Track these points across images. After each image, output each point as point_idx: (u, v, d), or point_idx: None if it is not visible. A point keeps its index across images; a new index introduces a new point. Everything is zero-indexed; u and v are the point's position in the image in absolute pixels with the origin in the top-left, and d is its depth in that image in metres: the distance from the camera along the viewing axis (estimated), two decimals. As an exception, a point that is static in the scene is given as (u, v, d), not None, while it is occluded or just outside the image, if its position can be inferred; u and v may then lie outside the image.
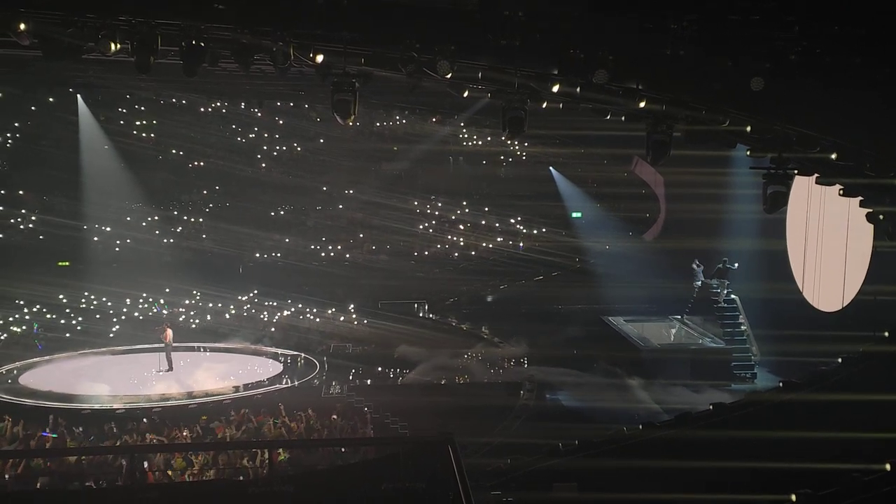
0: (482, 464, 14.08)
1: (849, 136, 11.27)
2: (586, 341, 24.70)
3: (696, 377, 21.64)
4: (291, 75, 13.90)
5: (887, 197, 13.22)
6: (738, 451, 11.37)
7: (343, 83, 10.83)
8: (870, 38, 9.85)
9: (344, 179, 33.40)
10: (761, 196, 12.62)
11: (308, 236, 32.74)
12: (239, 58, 10.39)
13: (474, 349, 26.39)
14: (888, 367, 13.95)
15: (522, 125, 11.33)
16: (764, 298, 22.94)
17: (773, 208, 12.88)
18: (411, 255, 32.80)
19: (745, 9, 9.74)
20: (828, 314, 20.91)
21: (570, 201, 32.61)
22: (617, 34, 10.06)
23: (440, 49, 9.92)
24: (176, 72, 11.33)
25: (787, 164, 12.38)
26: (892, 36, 9.73)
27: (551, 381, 22.53)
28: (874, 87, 10.24)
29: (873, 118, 10.64)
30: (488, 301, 31.80)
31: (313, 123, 32.38)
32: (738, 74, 9.99)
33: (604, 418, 18.48)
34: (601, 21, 10.07)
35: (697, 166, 21.02)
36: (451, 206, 33.72)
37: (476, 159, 34.07)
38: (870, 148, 11.56)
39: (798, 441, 11.34)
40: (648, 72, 10.55)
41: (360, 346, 26.63)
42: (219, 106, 32.00)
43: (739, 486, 10.42)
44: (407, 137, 33.21)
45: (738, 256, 24.13)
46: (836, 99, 10.43)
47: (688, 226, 26.29)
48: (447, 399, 20.33)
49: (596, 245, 31.55)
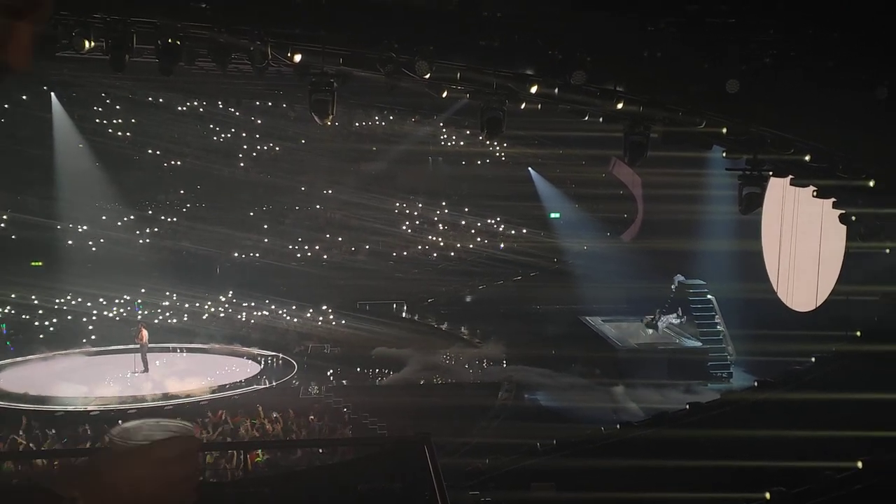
0: (461, 463, 14.09)
1: (822, 139, 11.41)
2: (564, 341, 24.80)
3: (672, 377, 21.81)
4: (270, 75, 13.83)
5: (859, 198, 13.40)
6: (713, 450, 11.47)
7: (321, 83, 10.80)
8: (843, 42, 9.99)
9: (322, 179, 33.27)
10: (737, 197, 12.76)
11: (286, 236, 32.58)
12: (216, 57, 10.33)
13: (453, 349, 26.40)
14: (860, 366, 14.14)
15: (500, 126, 11.36)
16: (739, 298, 23.16)
17: (749, 209, 13.03)
18: (390, 256, 32.74)
19: (722, 12, 9.84)
20: (802, 314, 21.15)
21: (548, 202, 32.73)
22: (595, 36, 10.12)
23: (419, 49, 9.93)
24: (152, 70, 11.24)
25: (762, 166, 12.53)
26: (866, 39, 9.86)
27: (529, 381, 22.60)
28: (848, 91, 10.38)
29: (846, 121, 10.78)
30: (467, 301, 31.83)
31: (292, 123, 32.21)
32: (715, 77, 10.09)
33: (582, 418, 18.58)
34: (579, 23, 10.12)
35: (674, 167, 21.19)
36: (430, 207, 33.71)
37: (455, 160, 34.08)
38: (842, 150, 11.72)
39: (772, 439, 11.47)
40: (626, 73, 10.62)
41: (338, 347, 26.55)
42: (196, 105, 31.72)
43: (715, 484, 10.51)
44: (386, 137, 33.13)
45: (713, 257, 24.34)
46: (810, 102, 10.56)
47: (665, 227, 26.48)
48: (426, 399, 20.33)
49: (574, 245, 31.68)
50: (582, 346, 24.43)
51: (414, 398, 20.60)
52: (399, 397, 20.94)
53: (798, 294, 21.53)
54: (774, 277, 22.64)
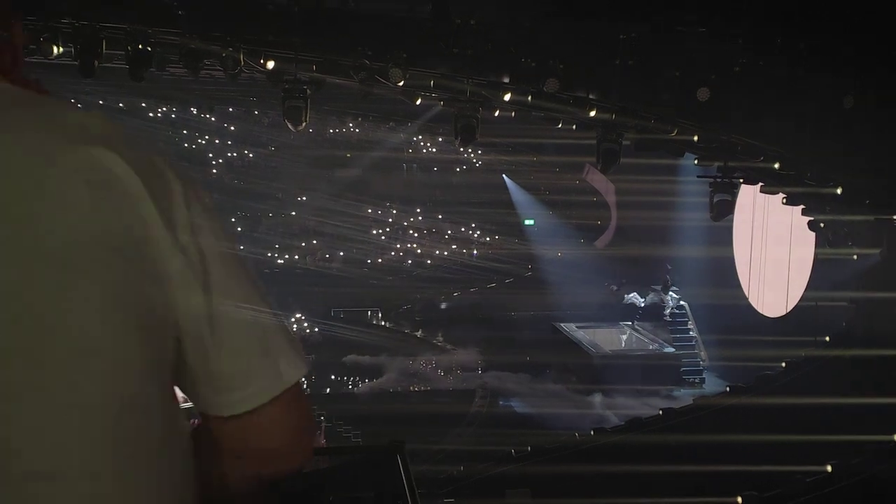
0: (435, 471, 14.04)
1: (791, 147, 11.58)
2: (539, 348, 24.85)
3: (646, 382, 21.93)
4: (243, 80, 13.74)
5: (827, 206, 13.61)
6: (687, 455, 11.56)
7: (294, 90, 10.76)
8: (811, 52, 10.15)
9: (297, 186, 33.13)
10: (708, 204, 12.90)
11: (260, 243, 32.36)
12: (188, 63, 10.26)
13: (428, 357, 26.35)
14: (829, 371, 14.34)
15: (474, 133, 11.39)
16: (712, 304, 23.38)
17: (720, 216, 13.18)
18: (365, 263, 32.65)
19: (692, 21, 9.97)
20: (772, 320, 21.39)
21: (522, 209, 32.84)
22: (567, 44, 10.19)
23: (392, 57, 9.93)
24: (122, 76, 11.12)
25: (732, 173, 12.69)
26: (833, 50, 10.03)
27: (504, 388, 22.62)
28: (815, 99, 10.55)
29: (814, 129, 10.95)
30: (442, 308, 31.82)
31: (266, 129, 32.04)
32: (686, 85, 10.21)
33: (556, 424, 18.61)
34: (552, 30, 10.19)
35: (647, 174, 21.37)
36: (405, 214, 33.69)
37: (430, 166, 34.12)
38: (810, 158, 11.90)
39: (744, 444, 11.58)
40: (598, 81, 10.71)
41: (312, 355, 26.39)
42: (168, 111, 31.46)
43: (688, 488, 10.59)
44: (360, 144, 33.08)
45: (686, 264, 24.55)
46: (779, 110, 10.72)
47: (638, 233, 26.68)
48: (401, 406, 20.26)
49: (548, 252, 31.80)
50: (556, 353, 24.49)
51: (389, 406, 20.54)
52: (374, 405, 20.86)
53: (769, 300, 21.79)
54: (746, 283, 22.89)
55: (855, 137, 10.97)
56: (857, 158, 11.32)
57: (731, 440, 11.83)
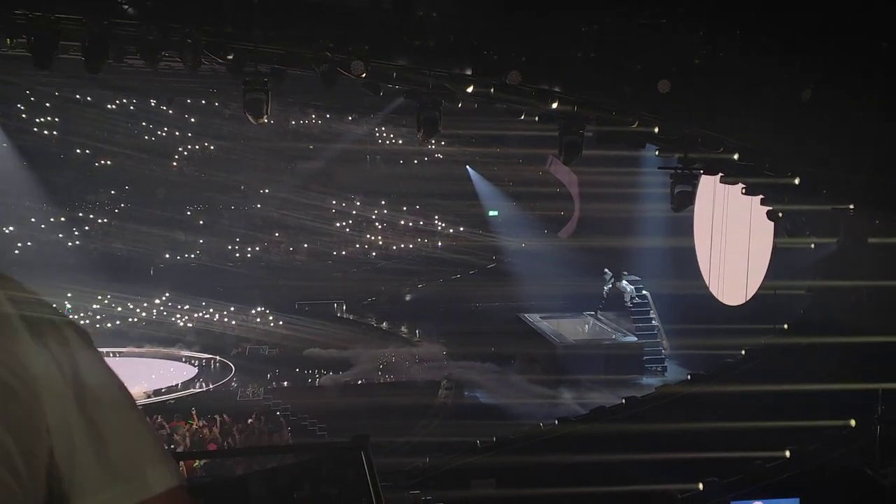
0: (401, 463, 14.05)
1: (750, 138, 11.75)
2: (503, 339, 24.96)
3: (609, 371, 22.14)
4: (203, 72, 13.55)
5: (785, 195, 13.84)
6: (649, 443, 11.71)
7: (255, 82, 10.64)
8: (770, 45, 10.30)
9: (259, 178, 32.80)
10: (669, 195, 13.04)
11: (222, 236, 32.01)
12: (145, 55, 10.07)
13: (393, 349, 26.32)
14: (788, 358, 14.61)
15: (437, 125, 11.37)
16: (673, 294, 23.66)
17: (681, 207, 13.35)
18: (329, 255, 32.48)
19: (654, 14, 10.05)
20: (732, 308, 21.71)
21: (486, 200, 32.90)
22: (529, 36, 10.21)
23: (353, 49, 9.85)
24: (79, 67, 10.88)
25: (693, 164, 12.83)
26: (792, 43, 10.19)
27: (469, 379, 22.69)
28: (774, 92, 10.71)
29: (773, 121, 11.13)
30: (406, 300, 31.80)
31: (227, 121, 31.64)
32: (646, 77, 10.30)
33: (521, 415, 18.73)
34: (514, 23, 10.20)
35: (609, 166, 21.53)
36: (369, 206, 33.55)
37: (393, 158, 33.99)
38: (769, 149, 12.09)
39: (705, 431, 11.76)
40: (560, 74, 10.75)
41: (276, 348, 26.21)
42: (126, 103, 30.89)
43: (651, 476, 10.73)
44: (323, 136, 32.84)
45: (647, 254, 24.81)
46: (738, 102, 10.87)
47: (600, 224, 26.89)
48: (366, 399, 20.22)
49: (512, 243, 31.92)
50: (521, 343, 24.61)
51: (353, 398, 20.49)
52: (338, 398, 20.80)
53: (729, 289, 22.12)
54: (706, 273, 23.20)
55: (813, 129, 11.18)
56: (815, 149, 11.53)
57: (693, 428, 12.02)
